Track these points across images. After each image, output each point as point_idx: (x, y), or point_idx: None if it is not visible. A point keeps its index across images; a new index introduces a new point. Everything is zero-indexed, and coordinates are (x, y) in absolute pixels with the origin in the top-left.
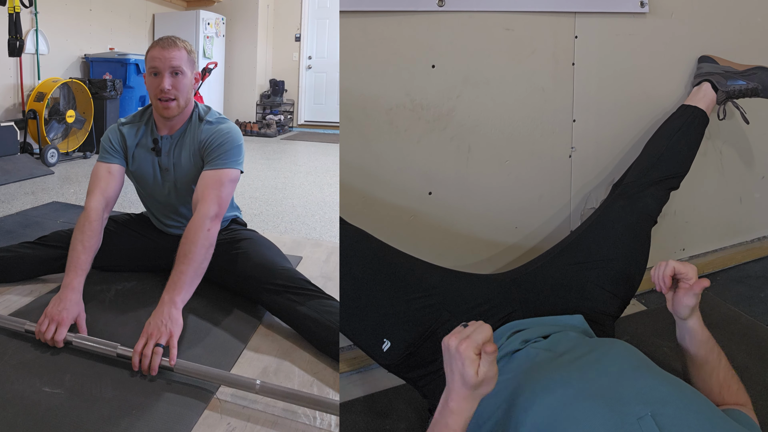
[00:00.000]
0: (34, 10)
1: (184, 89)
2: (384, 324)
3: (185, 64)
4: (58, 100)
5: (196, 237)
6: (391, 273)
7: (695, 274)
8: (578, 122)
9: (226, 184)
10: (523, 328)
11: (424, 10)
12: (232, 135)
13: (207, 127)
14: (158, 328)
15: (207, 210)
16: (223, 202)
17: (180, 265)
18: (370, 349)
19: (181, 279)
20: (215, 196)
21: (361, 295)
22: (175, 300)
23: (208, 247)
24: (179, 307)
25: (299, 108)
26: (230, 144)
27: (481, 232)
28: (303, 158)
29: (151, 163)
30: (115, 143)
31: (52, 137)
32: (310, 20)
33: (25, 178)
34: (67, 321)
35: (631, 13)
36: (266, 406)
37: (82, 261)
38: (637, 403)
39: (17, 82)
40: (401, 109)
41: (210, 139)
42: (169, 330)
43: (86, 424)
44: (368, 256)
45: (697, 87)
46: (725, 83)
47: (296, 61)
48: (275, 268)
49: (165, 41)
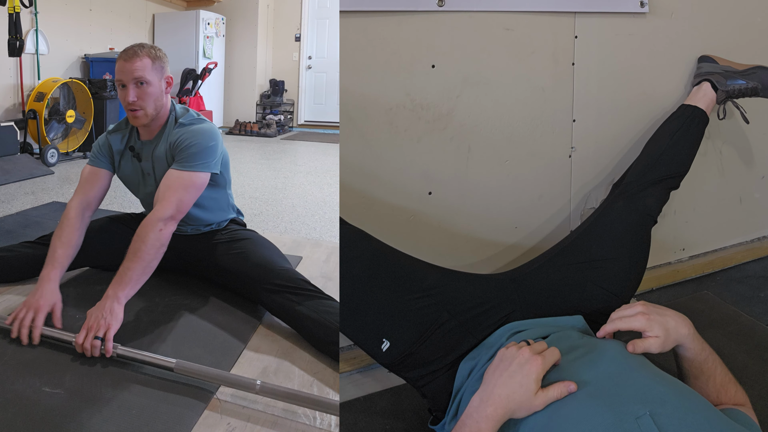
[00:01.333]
0: (34, 10)
1: (150, 98)
2: (383, 324)
3: (149, 72)
4: (58, 100)
5: (146, 236)
6: (390, 273)
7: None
8: (578, 122)
9: (189, 188)
10: (522, 329)
11: (424, 10)
12: (202, 136)
13: (179, 129)
14: (98, 321)
15: (163, 211)
16: (183, 205)
17: (128, 261)
18: (369, 348)
19: (127, 275)
20: (176, 198)
21: (361, 294)
22: (118, 295)
23: (159, 247)
24: (122, 302)
25: (299, 108)
26: (198, 146)
27: (481, 232)
28: (303, 158)
29: (135, 169)
30: (103, 149)
31: (52, 137)
32: (310, 20)
33: (25, 178)
34: (44, 308)
35: (631, 13)
36: (266, 406)
37: (59, 255)
38: (636, 403)
39: (17, 82)
40: (401, 109)
41: (179, 140)
42: (107, 323)
43: (86, 424)
44: (368, 256)
45: (697, 87)
46: (725, 83)
47: (296, 61)
48: (274, 268)
49: (127, 52)
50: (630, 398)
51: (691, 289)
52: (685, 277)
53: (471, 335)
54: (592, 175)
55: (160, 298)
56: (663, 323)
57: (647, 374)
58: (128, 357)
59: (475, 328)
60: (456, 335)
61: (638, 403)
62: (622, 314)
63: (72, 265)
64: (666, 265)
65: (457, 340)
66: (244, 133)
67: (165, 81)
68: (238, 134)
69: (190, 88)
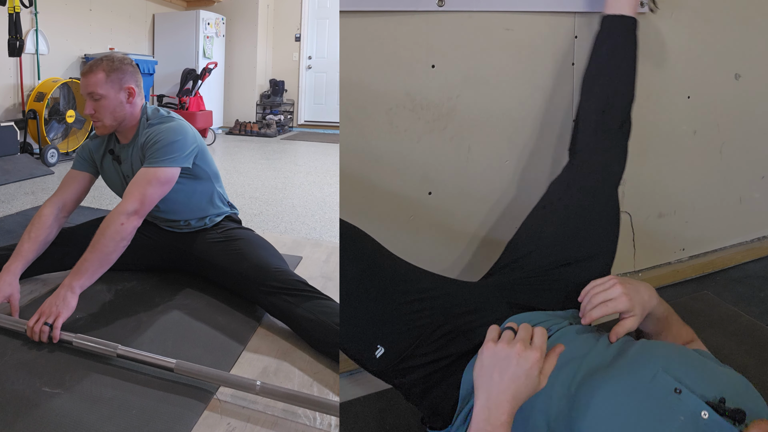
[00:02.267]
0: (34, 10)
1: (105, 111)
2: (378, 329)
3: (102, 87)
4: (58, 100)
5: (107, 229)
6: (385, 275)
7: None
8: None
9: (154, 183)
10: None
11: (424, 9)
12: (167, 132)
13: (147, 129)
14: (50, 307)
15: (126, 206)
16: (146, 199)
17: (87, 253)
18: (360, 354)
19: (84, 266)
20: (139, 193)
21: (356, 297)
22: (73, 285)
23: (119, 241)
24: (76, 292)
25: (299, 108)
26: (163, 142)
27: (481, 232)
28: (303, 158)
29: (116, 172)
30: (84, 153)
31: (52, 137)
32: (310, 20)
33: (25, 178)
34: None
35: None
36: (266, 407)
37: (24, 249)
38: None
39: (17, 82)
40: (401, 109)
41: (146, 140)
42: (58, 311)
43: (86, 424)
44: (363, 258)
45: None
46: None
47: (296, 61)
48: (269, 269)
49: (86, 67)
50: (638, 365)
51: (691, 289)
52: (685, 277)
53: (466, 338)
54: None
55: (160, 298)
56: (640, 300)
57: (641, 344)
58: (128, 357)
59: (471, 331)
60: (451, 339)
61: (647, 366)
62: (604, 296)
63: (66, 265)
64: (666, 265)
65: (453, 344)
66: (244, 133)
67: (126, 91)
68: (238, 134)
69: (190, 88)
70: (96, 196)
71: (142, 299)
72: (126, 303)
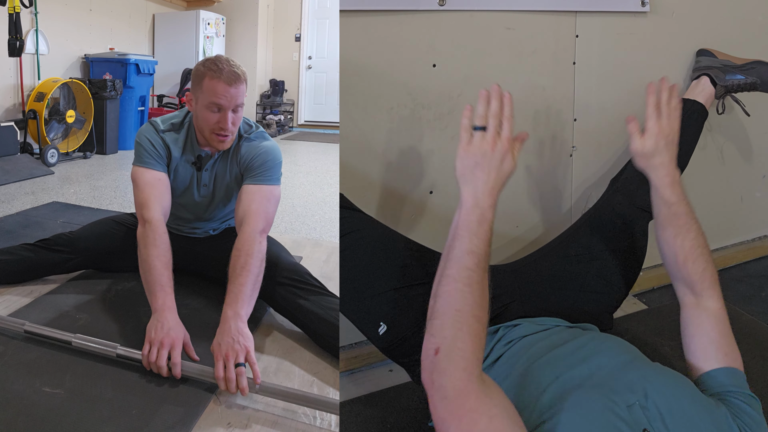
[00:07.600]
0: (34, 10)
1: (239, 122)
2: (381, 307)
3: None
4: (58, 100)
5: (251, 249)
6: (393, 260)
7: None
8: (579, 121)
9: (272, 201)
10: (516, 324)
11: (425, 9)
12: (273, 152)
13: (247, 144)
14: (232, 346)
15: (256, 225)
16: (270, 218)
17: (238, 277)
18: (366, 330)
19: (243, 291)
20: (263, 211)
21: (363, 278)
22: (240, 314)
23: (261, 260)
24: (245, 320)
25: (299, 108)
26: (273, 161)
27: None
28: (303, 158)
29: (190, 177)
30: (159, 149)
31: (52, 137)
32: (310, 20)
33: (25, 178)
34: (178, 341)
35: (632, 12)
36: (266, 406)
37: (166, 278)
38: (628, 392)
39: (17, 82)
40: (402, 109)
41: (252, 156)
42: (244, 346)
43: (86, 424)
44: (373, 243)
45: (696, 81)
46: (724, 77)
47: (296, 61)
48: (280, 262)
49: (228, 75)
50: (623, 389)
51: None
52: None
53: None
54: (592, 174)
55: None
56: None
57: (639, 366)
58: (128, 357)
59: None
60: None
61: (630, 393)
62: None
63: (69, 269)
64: None
65: None
66: None
67: None
68: None
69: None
70: (96, 196)
71: (142, 299)
72: (126, 303)
